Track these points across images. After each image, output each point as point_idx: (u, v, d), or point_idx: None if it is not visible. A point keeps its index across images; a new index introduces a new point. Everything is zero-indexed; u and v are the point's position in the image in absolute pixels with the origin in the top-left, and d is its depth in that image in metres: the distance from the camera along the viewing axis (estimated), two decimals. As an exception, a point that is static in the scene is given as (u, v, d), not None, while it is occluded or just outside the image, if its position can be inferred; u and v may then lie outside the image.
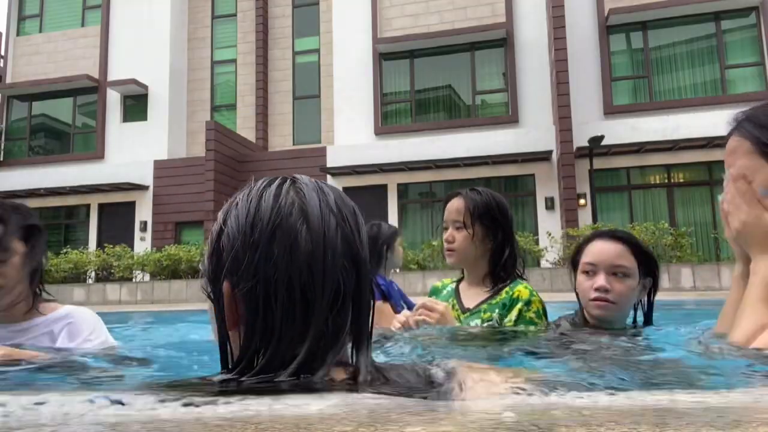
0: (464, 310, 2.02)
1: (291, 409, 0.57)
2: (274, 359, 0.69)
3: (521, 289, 1.98)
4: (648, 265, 1.80)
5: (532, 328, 1.92)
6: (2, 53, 18.91)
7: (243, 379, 0.70)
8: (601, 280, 1.74)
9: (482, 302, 1.99)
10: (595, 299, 1.75)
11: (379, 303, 2.58)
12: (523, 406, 0.56)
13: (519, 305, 1.94)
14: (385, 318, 2.20)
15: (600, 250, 1.79)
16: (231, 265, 0.71)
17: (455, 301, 2.06)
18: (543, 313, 1.96)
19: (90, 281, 13.75)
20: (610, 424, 0.43)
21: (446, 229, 2.05)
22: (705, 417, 0.49)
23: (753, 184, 1.14)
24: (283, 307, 0.69)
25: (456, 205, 2.03)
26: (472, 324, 1.96)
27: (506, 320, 1.94)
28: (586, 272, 1.79)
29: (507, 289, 1.99)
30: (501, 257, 2.02)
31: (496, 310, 1.96)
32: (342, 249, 0.72)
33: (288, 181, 0.79)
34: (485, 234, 2.00)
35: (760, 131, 1.15)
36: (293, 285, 0.69)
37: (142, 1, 17.52)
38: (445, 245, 2.02)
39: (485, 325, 1.95)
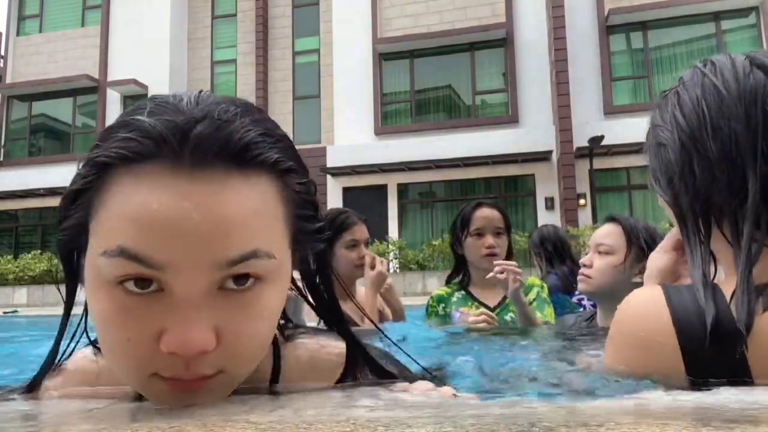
0: (491, 309, 2.28)
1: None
2: None
3: (531, 279, 2.37)
4: None
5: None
6: (2, 53, 18.91)
7: None
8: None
9: (505, 297, 2.24)
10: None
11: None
12: (523, 407, 0.56)
13: (535, 289, 2.31)
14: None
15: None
16: None
17: (476, 303, 2.31)
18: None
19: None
20: (610, 424, 0.43)
21: (480, 235, 2.27)
22: (705, 417, 0.49)
23: None
24: None
25: (495, 214, 2.31)
26: (507, 318, 2.25)
27: (525, 299, 2.22)
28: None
29: None
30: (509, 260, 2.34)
31: None
32: None
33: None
34: (508, 240, 2.36)
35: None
36: None
37: (142, 1, 17.51)
38: (487, 251, 2.24)
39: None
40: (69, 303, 0.63)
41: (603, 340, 0.84)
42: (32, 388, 0.69)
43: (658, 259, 1.03)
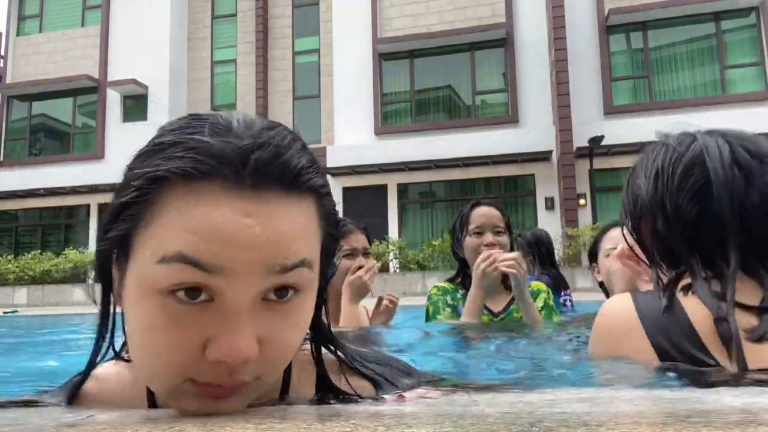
0: (495, 314, 2.19)
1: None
2: None
3: (536, 284, 2.28)
4: None
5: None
6: (2, 53, 18.91)
7: None
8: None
9: (509, 304, 2.19)
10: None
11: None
12: (522, 406, 0.56)
13: (543, 295, 2.25)
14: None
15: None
16: None
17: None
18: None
19: (90, 281, 13.76)
20: (610, 424, 0.43)
21: (479, 234, 2.17)
22: (705, 417, 0.49)
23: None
24: None
25: (493, 212, 2.20)
26: None
27: (532, 300, 2.16)
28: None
29: None
30: None
31: None
32: None
33: None
34: (510, 240, 2.26)
35: None
36: None
37: (142, 1, 17.51)
38: (487, 249, 2.13)
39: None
40: (106, 308, 0.65)
41: None
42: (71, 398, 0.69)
43: (620, 278, 1.30)
